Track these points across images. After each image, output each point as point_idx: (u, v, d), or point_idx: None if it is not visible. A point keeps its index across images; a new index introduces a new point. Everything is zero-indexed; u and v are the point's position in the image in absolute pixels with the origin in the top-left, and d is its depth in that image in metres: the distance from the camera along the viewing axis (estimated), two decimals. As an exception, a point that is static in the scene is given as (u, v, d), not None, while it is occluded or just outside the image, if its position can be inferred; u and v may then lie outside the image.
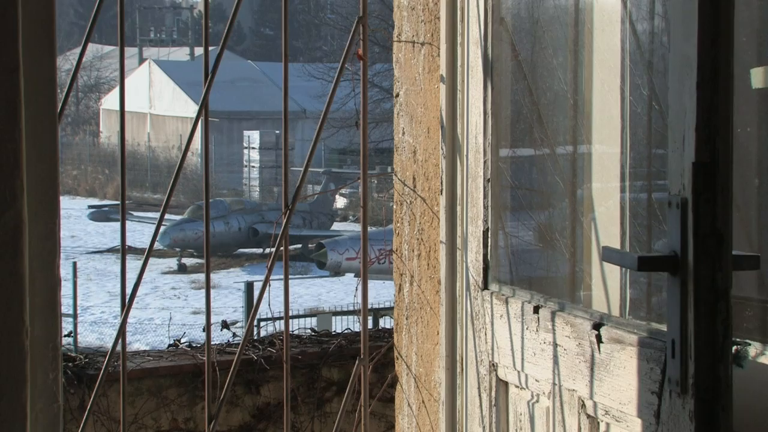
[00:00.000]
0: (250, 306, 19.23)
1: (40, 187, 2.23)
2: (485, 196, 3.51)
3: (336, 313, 19.63)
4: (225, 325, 6.24)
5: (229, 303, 25.75)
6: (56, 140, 2.28)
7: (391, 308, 4.14)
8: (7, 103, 2.17)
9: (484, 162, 3.51)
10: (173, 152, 46.90)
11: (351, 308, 18.60)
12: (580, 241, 3.43)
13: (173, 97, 50.71)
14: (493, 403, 3.49)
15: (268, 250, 27.80)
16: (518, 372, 3.35)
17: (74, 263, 25.38)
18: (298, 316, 18.30)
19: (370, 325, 4.43)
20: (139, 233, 33.16)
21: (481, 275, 3.53)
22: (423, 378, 3.90)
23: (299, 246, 33.01)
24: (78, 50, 3.89)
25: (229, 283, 29.40)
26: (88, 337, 22.62)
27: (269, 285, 3.88)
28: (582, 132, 3.41)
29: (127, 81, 4.07)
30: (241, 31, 69.44)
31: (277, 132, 44.14)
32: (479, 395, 3.55)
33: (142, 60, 59.24)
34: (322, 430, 4.71)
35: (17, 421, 2.23)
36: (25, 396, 2.20)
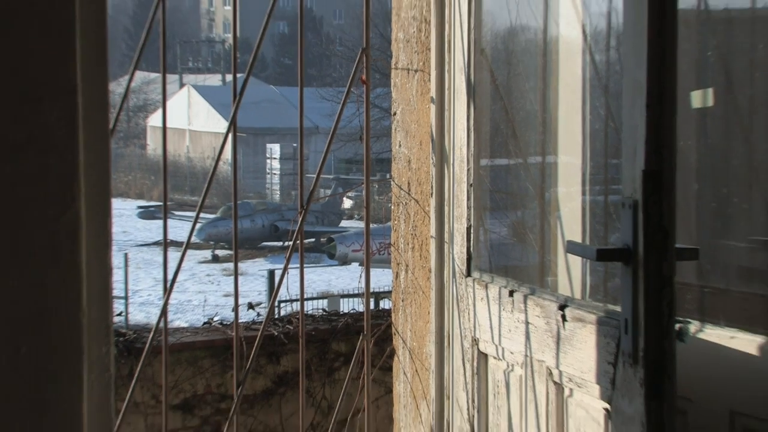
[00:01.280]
0: (272, 290, 19.23)
1: (95, 191, 2.23)
2: (468, 198, 3.49)
3: (343, 296, 19.61)
4: (250, 306, 6.24)
5: (254, 287, 25.71)
6: (109, 152, 2.27)
7: (390, 292, 4.12)
8: (68, 120, 2.17)
9: (468, 169, 3.49)
10: (208, 162, 46.90)
11: (356, 292, 18.58)
12: (547, 236, 3.42)
13: (208, 116, 50.67)
14: (475, 372, 3.48)
15: (286, 243, 27.85)
16: (496, 346, 3.34)
17: (125, 254, 25.34)
18: (312, 299, 18.30)
19: (372, 306, 4.42)
20: (180, 229, 33.04)
21: (465, 264, 3.52)
22: (416, 351, 3.89)
23: (313, 240, 33.01)
24: (128, 77, 3.88)
25: (255, 270, 29.38)
26: (137, 316, 22.61)
27: (287, 272, 3.88)
28: (549, 145, 3.40)
29: (168, 102, 4.07)
30: (264, 61, 69.40)
31: (294, 145, 44.03)
32: (463, 365, 3.54)
33: (182, 85, 59.15)
34: (331, 394, 4.71)
35: (75, 388, 2.23)
36: (82, 367, 2.20)
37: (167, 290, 3.63)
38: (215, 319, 5.19)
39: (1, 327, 2.14)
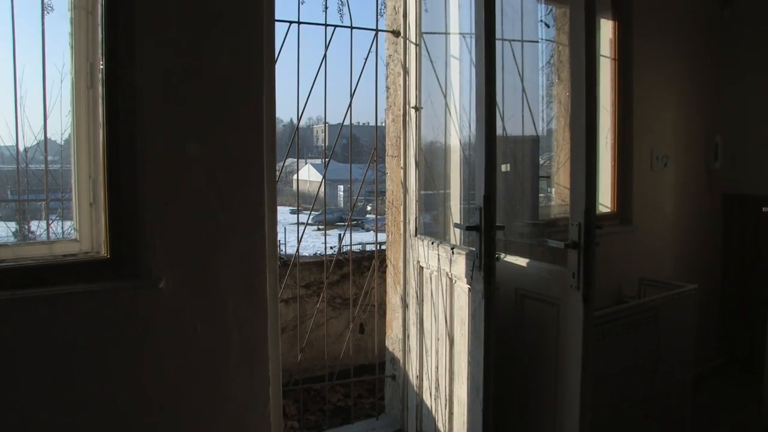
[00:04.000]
0: (340, 241, 19.14)
1: (269, 203, 2.20)
2: (416, 205, 3.46)
3: (368, 244, 19.38)
4: (331, 248, 6.17)
5: (332, 241, 25.48)
6: (275, 187, 2.24)
7: (385, 242, 4.08)
8: (259, 175, 2.13)
9: (416, 194, 3.46)
10: (314, 191, 46.53)
11: (372, 242, 18.39)
12: (448, 220, 3.39)
13: (317, 174, 50.53)
14: (418, 273, 3.45)
15: (345, 223, 27.71)
16: (426, 263, 3.31)
17: (284, 227, 24.94)
18: (355, 244, 18.03)
19: (378, 248, 4.40)
20: (303, 217, 32.89)
21: (415, 231, 3.49)
22: (396, 265, 3.85)
23: (355, 221, 32.67)
24: (284, 160, 3.87)
25: (333, 234, 29.16)
26: (288, 251, 22.43)
27: (344, 234, 3.86)
28: (448, 185, 3.37)
29: (301, 171, 4.05)
30: (336, 153, 68.80)
31: (348, 185, 43.87)
32: (414, 272, 3.51)
33: (306, 163, 58.80)
34: (362, 281, 4.66)
35: (263, 276, 2.18)
36: (266, 268, 2.16)
37: (299, 240, 3.60)
38: (317, 252, 5.17)
39: (240, 252, 2.10)
